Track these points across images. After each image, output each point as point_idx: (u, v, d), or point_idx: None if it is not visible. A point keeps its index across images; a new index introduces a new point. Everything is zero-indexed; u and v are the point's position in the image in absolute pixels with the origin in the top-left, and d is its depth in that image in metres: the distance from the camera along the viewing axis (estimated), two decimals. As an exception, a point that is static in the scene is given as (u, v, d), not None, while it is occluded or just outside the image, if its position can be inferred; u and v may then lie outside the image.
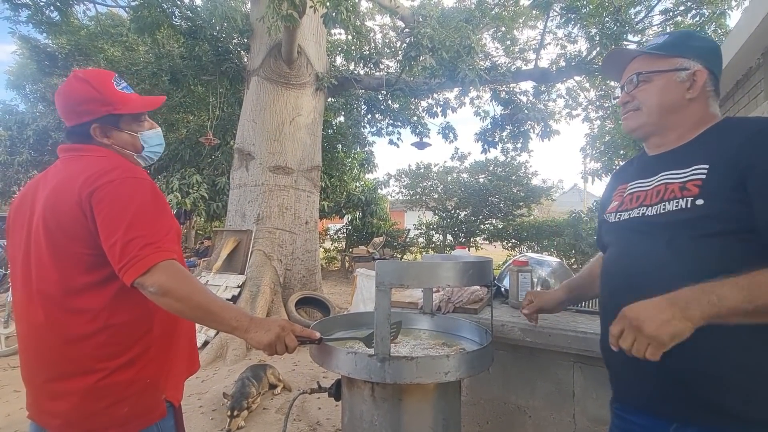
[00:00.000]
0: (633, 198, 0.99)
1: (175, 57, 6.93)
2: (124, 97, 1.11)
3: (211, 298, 0.96)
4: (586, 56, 6.34)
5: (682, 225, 0.84)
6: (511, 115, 6.75)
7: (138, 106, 1.14)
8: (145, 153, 1.19)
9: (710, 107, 0.95)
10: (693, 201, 0.83)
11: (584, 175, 11.37)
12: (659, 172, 0.95)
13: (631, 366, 0.89)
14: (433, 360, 1.00)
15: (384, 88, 6.39)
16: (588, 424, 1.42)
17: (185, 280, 0.93)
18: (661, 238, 0.88)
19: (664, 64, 0.95)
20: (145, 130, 1.17)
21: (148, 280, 0.90)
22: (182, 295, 0.92)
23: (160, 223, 0.98)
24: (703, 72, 0.93)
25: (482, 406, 1.61)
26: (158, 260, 0.91)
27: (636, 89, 0.98)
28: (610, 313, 0.98)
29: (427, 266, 1.08)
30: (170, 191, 8.59)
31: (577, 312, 1.65)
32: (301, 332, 1.01)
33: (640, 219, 0.94)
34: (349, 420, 1.14)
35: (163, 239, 0.95)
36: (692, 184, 0.85)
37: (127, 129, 1.13)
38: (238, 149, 5.58)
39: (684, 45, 0.95)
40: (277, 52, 5.35)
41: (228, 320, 0.95)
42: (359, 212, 12.47)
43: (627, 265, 0.95)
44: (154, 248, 0.92)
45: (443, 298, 1.60)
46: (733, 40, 3.35)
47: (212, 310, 0.94)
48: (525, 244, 11.50)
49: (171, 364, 1.08)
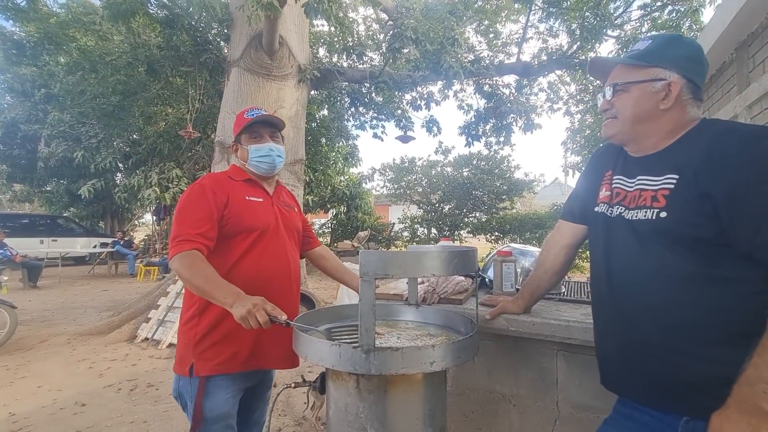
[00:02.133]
0: (617, 193, 1.02)
1: (151, 47, 6.69)
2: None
3: (206, 280, 1.22)
4: (567, 50, 6.41)
5: (650, 235, 0.89)
6: (495, 108, 6.79)
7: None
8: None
9: (688, 114, 0.95)
10: (658, 213, 0.88)
11: (565, 169, 11.57)
12: (637, 174, 0.98)
13: (636, 363, 0.91)
14: (419, 350, 0.99)
15: (368, 81, 6.32)
16: (571, 411, 1.44)
17: (188, 268, 1.24)
18: (635, 245, 0.92)
19: (640, 74, 0.97)
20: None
21: (171, 266, 1.30)
22: (185, 279, 1.25)
23: (188, 219, 1.33)
24: (678, 83, 0.93)
25: (468, 396, 1.62)
26: (174, 253, 1.27)
27: (614, 98, 1.01)
28: (599, 315, 1.05)
29: (411, 255, 1.07)
30: (149, 186, 8.36)
31: (560, 301, 1.68)
32: (272, 311, 1.14)
33: (621, 219, 0.97)
34: (335, 413, 1.12)
35: (184, 233, 1.29)
36: (661, 194, 0.89)
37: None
38: (219, 142, 5.45)
39: (662, 54, 0.96)
40: (258, 43, 5.22)
41: (218, 297, 1.18)
42: (344, 207, 12.41)
43: (610, 268, 0.99)
44: (175, 242, 1.28)
45: (428, 289, 1.59)
46: (707, 36, 3.44)
47: (206, 290, 1.21)
48: (508, 237, 11.67)
49: (210, 344, 1.34)
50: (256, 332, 1.33)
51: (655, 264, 0.88)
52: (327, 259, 1.75)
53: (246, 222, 1.41)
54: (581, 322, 1.34)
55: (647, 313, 0.89)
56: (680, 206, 0.85)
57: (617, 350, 0.97)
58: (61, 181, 13.05)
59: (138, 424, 2.77)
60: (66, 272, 10.34)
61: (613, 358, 1.00)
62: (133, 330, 4.90)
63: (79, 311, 6.29)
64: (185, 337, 1.38)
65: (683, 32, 5.91)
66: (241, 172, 1.54)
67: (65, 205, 14.19)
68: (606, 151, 1.14)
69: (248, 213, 1.42)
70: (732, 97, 3.36)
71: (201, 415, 1.31)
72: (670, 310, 0.86)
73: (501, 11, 8.04)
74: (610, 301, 0.98)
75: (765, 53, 2.85)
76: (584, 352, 1.40)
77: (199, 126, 8.23)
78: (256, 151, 1.49)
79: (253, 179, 1.52)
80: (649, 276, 0.89)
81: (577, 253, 1.33)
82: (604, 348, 1.03)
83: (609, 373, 1.04)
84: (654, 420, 0.92)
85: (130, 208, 14.99)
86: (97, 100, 8.50)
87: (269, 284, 1.40)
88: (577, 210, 1.21)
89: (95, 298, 7.50)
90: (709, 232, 0.81)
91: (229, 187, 1.44)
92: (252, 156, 1.49)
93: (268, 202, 1.52)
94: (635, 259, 0.92)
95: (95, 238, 12.64)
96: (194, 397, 1.32)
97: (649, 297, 0.89)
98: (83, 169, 10.00)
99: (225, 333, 1.35)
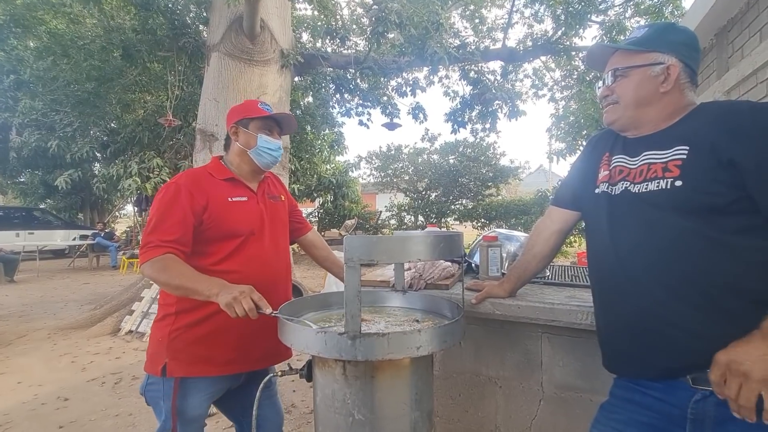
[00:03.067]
0: (617, 171, 1.02)
1: (126, 30, 6.42)
2: None
3: (185, 277, 1.20)
4: (552, 36, 6.40)
5: (665, 204, 0.88)
6: (480, 95, 6.77)
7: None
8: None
9: (686, 97, 0.98)
10: (672, 182, 0.88)
11: (550, 156, 11.69)
12: (642, 152, 0.98)
13: (653, 334, 0.90)
14: (405, 335, 0.98)
15: (352, 66, 6.21)
16: (555, 391, 1.47)
17: (162, 271, 1.21)
18: (647, 216, 0.91)
19: (640, 59, 0.99)
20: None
21: (143, 273, 1.29)
22: (162, 283, 1.23)
23: (160, 225, 1.28)
24: (677, 66, 0.96)
25: (454, 380, 1.64)
26: (145, 260, 1.24)
27: (614, 84, 1.02)
28: (605, 292, 1.03)
29: (397, 240, 1.06)
30: (128, 176, 8.13)
31: (544, 284, 1.70)
32: (258, 300, 1.14)
33: (627, 194, 0.96)
34: (321, 400, 1.12)
35: (155, 240, 1.25)
36: (673, 164, 0.89)
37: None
38: (200, 130, 5.30)
39: (660, 39, 0.98)
40: (238, 26, 5.05)
41: (201, 290, 1.17)
42: (330, 195, 12.32)
43: (618, 241, 0.97)
44: (145, 249, 1.25)
45: (415, 275, 1.59)
46: (688, 22, 3.47)
47: (187, 287, 1.19)
48: (494, 223, 11.80)
49: (185, 344, 1.30)
50: (236, 336, 1.33)
51: (670, 232, 0.87)
52: (317, 248, 1.72)
53: (228, 226, 1.35)
54: (565, 304, 1.36)
55: (664, 279, 0.88)
56: (697, 174, 0.85)
57: (626, 321, 0.95)
58: (36, 172, 12.60)
59: (123, 417, 2.73)
60: (44, 266, 10.06)
61: (619, 331, 0.98)
62: (117, 323, 4.82)
63: (59, 305, 6.14)
64: (159, 334, 1.33)
65: (666, 17, 5.95)
66: (223, 169, 1.45)
67: (41, 196, 13.73)
68: (602, 137, 1.15)
69: (231, 216, 1.36)
70: (712, 83, 3.42)
71: (177, 417, 1.28)
72: (688, 275, 0.85)
73: (487, -4, 7.96)
74: (620, 276, 0.95)
75: (744, 39, 2.89)
76: (568, 334, 1.42)
77: (179, 113, 8.00)
78: (267, 143, 1.45)
79: (236, 178, 1.45)
80: (666, 244, 0.88)
81: (566, 239, 1.34)
82: (610, 324, 1.02)
83: (613, 350, 1.02)
84: (657, 401, 0.91)
85: (109, 199, 14.60)
86: (71, 86, 8.16)
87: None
88: (570, 196, 1.21)
89: (76, 291, 7.32)
90: (725, 200, 0.82)
91: (209, 188, 1.36)
92: (261, 145, 1.44)
93: (253, 201, 1.45)
94: (647, 229, 0.91)
95: (74, 230, 12.29)
96: (170, 398, 1.28)
97: (666, 264, 0.88)
98: (59, 159, 9.65)
99: (202, 334, 1.31)
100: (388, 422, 1.06)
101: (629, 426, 0.95)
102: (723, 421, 0.81)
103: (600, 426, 1.01)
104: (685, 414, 0.86)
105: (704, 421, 0.84)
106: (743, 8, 2.88)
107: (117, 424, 2.66)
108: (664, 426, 0.90)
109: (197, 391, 1.31)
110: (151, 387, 1.33)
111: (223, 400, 1.46)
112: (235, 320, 1.28)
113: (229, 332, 1.33)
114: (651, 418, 0.92)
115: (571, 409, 1.44)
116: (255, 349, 1.38)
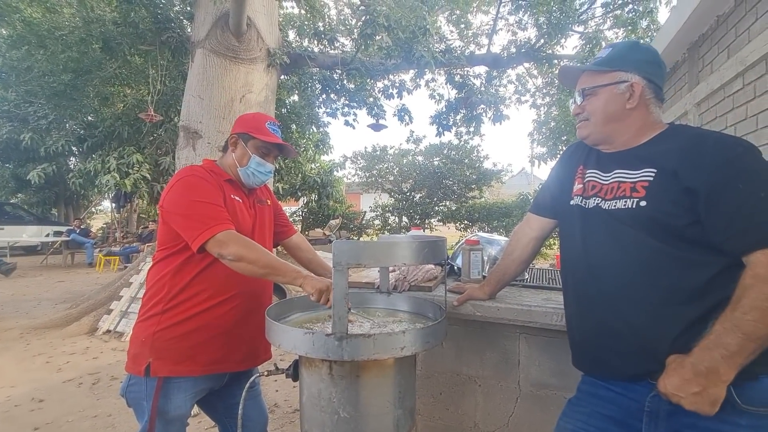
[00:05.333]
0: (590, 186, 1.09)
1: (107, 22, 6.25)
2: None
3: (272, 258, 1.25)
4: (535, 44, 6.56)
5: (630, 221, 0.95)
6: (465, 99, 6.88)
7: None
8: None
9: (652, 114, 1.05)
10: (638, 202, 0.95)
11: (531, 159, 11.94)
12: (614, 168, 1.05)
13: (614, 338, 0.98)
14: (390, 336, 1.03)
15: (339, 67, 6.23)
16: (531, 389, 1.54)
17: (250, 248, 1.25)
18: (616, 232, 0.98)
19: (605, 78, 1.06)
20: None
21: (221, 248, 1.26)
22: (250, 259, 1.24)
23: (208, 202, 1.30)
24: (640, 83, 1.03)
25: (436, 379, 1.69)
26: (218, 231, 1.24)
27: (584, 102, 1.10)
28: (577, 299, 1.10)
29: (383, 245, 1.10)
30: (107, 171, 7.91)
31: (523, 287, 1.77)
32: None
33: (599, 209, 1.03)
34: (308, 398, 1.15)
35: (217, 215, 1.29)
36: (641, 185, 0.97)
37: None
38: (183, 127, 5.23)
39: (623, 59, 1.05)
40: (224, 23, 5.00)
41: (289, 273, 1.25)
42: (315, 194, 12.25)
43: (589, 254, 1.04)
44: (213, 223, 1.26)
45: (399, 277, 1.63)
46: (663, 36, 3.63)
47: (275, 266, 1.24)
48: (477, 225, 11.96)
49: (169, 343, 1.29)
50: (221, 335, 1.35)
51: (635, 248, 0.95)
52: (302, 250, 1.74)
53: (234, 222, 1.35)
54: (542, 306, 1.42)
55: (625, 291, 0.97)
56: (659, 196, 0.93)
57: (595, 328, 1.03)
58: (7, 165, 12.13)
59: (102, 418, 2.69)
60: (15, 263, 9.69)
61: (589, 337, 1.06)
62: (94, 322, 4.70)
63: (31, 304, 5.95)
64: (143, 333, 1.32)
65: (641, 30, 6.18)
66: (221, 170, 1.46)
67: (12, 190, 13.22)
68: (577, 149, 1.22)
69: (234, 214, 1.38)
70: (683, 95, 3.58)
71: (157, 417, 1.27)
72: (650, 288, 0.94)
73: (473, 1, 8.09)
74: (590, 285, 1.04)
75: (713, 54, 3.04)
76: (544, 335, 1.49)
77: (161, 109, 7.83)
78: (259, 166, 1.45)
79: (234, 180, 1.47)
80: (631, 259, 0.96)
81: (544, 244, 1.42)
82: (581, 329, 1.10)
83: (583, 353, 1.11)
84: (618, 395, 1.00)
85: (86, 195, 14.15)
86: (46, 78, 7.89)
87: (237, 296, 1.37)
88: (547, 205, 1.28)
89: (50, 289, 7.10)
90: (683, 221, 0.90)
91: (215, 183, 1.37)
92: (252, 167, 1.44)
93: (247, 204, 1.48)
94: (615, 244, 0.99)
95: (47, 226, 11.88)
96: (152, 398, 1.27)
97: (631, 278, 0.96)
98: (32, 153, 9.30)
99: (187, 333, 1.31)
100: (372, 419, 1.11)
101: (592, 417, 1.03)
102: (674, 413, 0.90)
103: (566, 418, 1.10)
104: (642, 407, 0.95)
105: (659, 413, 0.92)
106: (713, 25, 3.04)
107: (95, 425, 2.61)
108: (624, 418, 0.98)
109: (180, 391, 1.32)
110: (133, 387, 1.33)
111: (207, 400, 1.47)
112: (220, 320, 1.33)
113: (214, 332, 1.34)
114: (612, 411, 1.01)
115: (545, 407, 1.51)
116: (239, 350, 1.40)
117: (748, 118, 2.54)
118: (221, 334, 1.35)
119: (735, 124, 2.69)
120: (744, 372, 0.82)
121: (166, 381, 1.29)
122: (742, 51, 2.56)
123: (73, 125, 9.28)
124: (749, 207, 0.85)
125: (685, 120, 3.46)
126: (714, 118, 2.99)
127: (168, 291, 1.32)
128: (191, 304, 1.32)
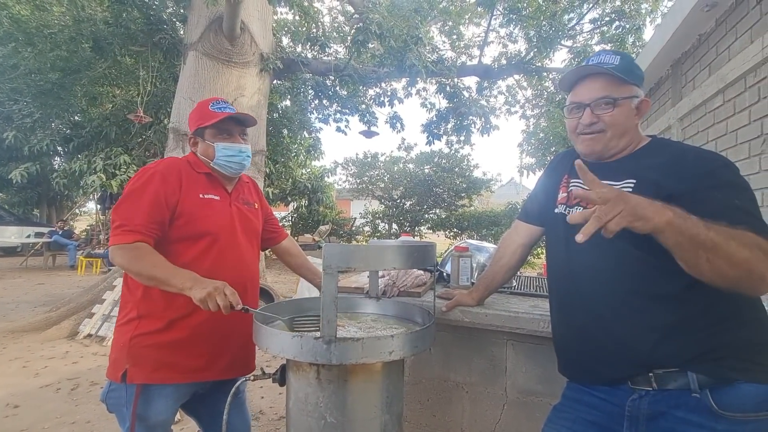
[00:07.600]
0: (574, 195, 1.09)
1: (98, 22, 6.19)
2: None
3: (159, 268, 1.17)
4: (525, 56, 6.70)
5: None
6: (455, 109, 6.97)
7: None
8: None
9: (638, 127, 1.08)
10: None
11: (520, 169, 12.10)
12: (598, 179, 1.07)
13: (596, 344, 1.00)
14: (378, 340, 1.03)
15: (332, 74, 6.26)
16: (517, 396, 1.55)
17: (136, 260, 1.19)
18: (597, 239, 0.97)
19: (627, 90, 1.02)
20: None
21: (112, 257, 1.22)
22: (134, 272, 1.21)
23: (134, 208, 1.24)
24: (648, 101, 1.05)
25: (424, 385, 1.69)
26: (116, 242, 1.20)
27: (603, 112, 1.01)
28: (560, 306, 1.12)
29: (373, 249, 1.10)
30: (93, 172, 7.77)
31: (511, 294, 1.79)
32: (231, 295, 1.14)
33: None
34: (294, 403, 1.14)
35: (129, 222, 1.22)
36: None
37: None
38: (173, 129, 5.18)
39: (635, 73, 1.04)
40: (217, 27, 5.00)
41: (175, 283, 1.15)
42: (305, 200, 12.22)
43: (572, 261, 1.06)
44: (118, 232, 1.21)
45: (388, 282, 1.64)
46: (648, 53, 3.74)
47: (160, 278, 1.16)
48: (466, 233, 12.04)
49: (146, 350, 1.26)
50: (203, 343, 1.31)
51: (615, 255, 0.97)
52: (292, 255, 1.71)
53: (198, 225, 1.31)
54: (529, 313, 1.44)
55: (608, 298, 0.98)
56: None
57: (578, 335, 1.05)
58: (-12, 164, 11.80)
59: (80, 425, 2.61)
60: (-7, 264, 9.41)
61: (572, 343, 1.08)
62: (75, 326, 4.58)
63: (9, 306, 5.77)
64: (121, 339, 1.28)
65: (628, 47, 6.36)
66: (201, 163, 1.41)
67: (-8, 190, 12.87)
68: (563, 158, 1.23)
69: (201, 214, 1.32)
70: (667, 110, 3.69)
71: (138, 423, 1.24)
72: (628, 294, 0.96)
73: (464, 13, 8.23)
74: (573, 292, 1.06)
75: (695, 71, 3.15)
76: (531, 341, 1.51)
77: (150, 110, 7.75)
78: (225, 150, 1.38)
79: (213, 174, 1.41)
80: (611, 265, 0.98)
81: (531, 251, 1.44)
82: (565, 335, 1.11)
83: (567, 359, 1.12)
84: (601, 401, 1.01)
85: (70, 196, 13.86)
86: (33, 76, 7.76)
87: None
88: (535, 212, 1.30)
89: (29, 292, 6.90)
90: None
91: (185, 180, 1.32)
92: (220, 155, 1.38)
93: (225, 202, 1.41)
94: (596, 251, 0.99)
95: (29, 226, 11.59)
96: (132, 405, 1.24)
97: (608, 284, 0.98)
98: (15, 152, 9.11)
99: (166, 341, 1.27)
100: (359, 425, 1.10)
101: (576, 423, 1.05)
102: (655, 416, 0.91)
103: (551, 425, 1.11)
104: (623, 411, 0.96)
105: (639, 417, 0.94)
106: (695, 43, 3.15)
107: (74, 431, 2.54)
108: (606, 423, 1.00)
109: (161, 397, 1.28)
110: (113, 394, 1.29)
111: (191, 404, 1.43)
112: (201, 326, 1.29)
113: (196, 340, 1.30)
114: (595, 416, 1.02)
115: (532, 413, 1.52)
116: (222, 358, 1.36)
117: (728, 133, 2.62)
118: (203, 341, 1.31)
119: (716, 138, 2.78)
120: (721, 377, 0.84)
121: (145, 387, 1.26)
122: (722, 69, 2.65)
123: (59, 124, 9.12)
124: (722, 210, 0.87)
125: (668, 134, 3.56)
126: (696, 133, 3.08)
127: (143, 293, 1.28)
128: (168, 307, 1.27)
